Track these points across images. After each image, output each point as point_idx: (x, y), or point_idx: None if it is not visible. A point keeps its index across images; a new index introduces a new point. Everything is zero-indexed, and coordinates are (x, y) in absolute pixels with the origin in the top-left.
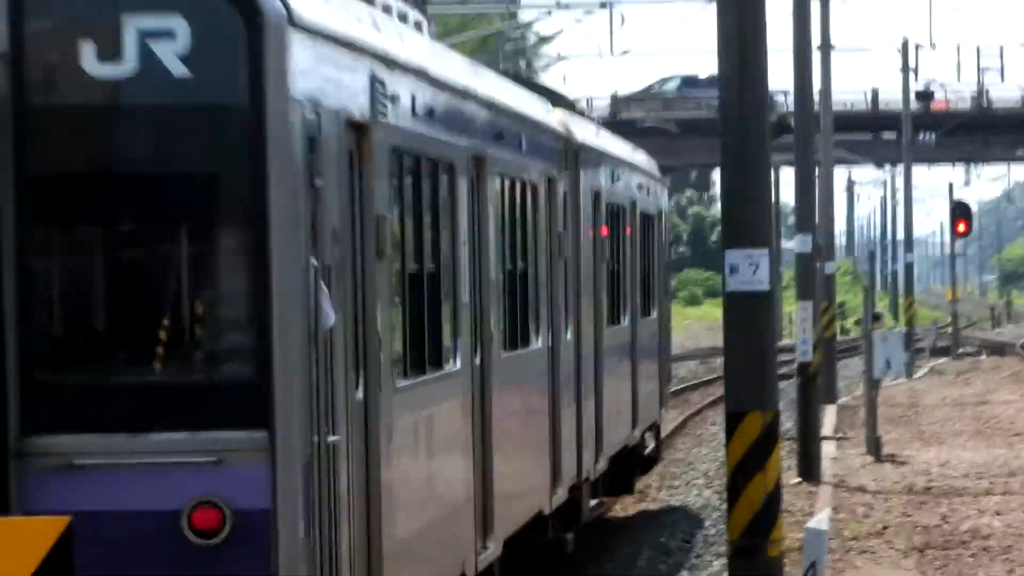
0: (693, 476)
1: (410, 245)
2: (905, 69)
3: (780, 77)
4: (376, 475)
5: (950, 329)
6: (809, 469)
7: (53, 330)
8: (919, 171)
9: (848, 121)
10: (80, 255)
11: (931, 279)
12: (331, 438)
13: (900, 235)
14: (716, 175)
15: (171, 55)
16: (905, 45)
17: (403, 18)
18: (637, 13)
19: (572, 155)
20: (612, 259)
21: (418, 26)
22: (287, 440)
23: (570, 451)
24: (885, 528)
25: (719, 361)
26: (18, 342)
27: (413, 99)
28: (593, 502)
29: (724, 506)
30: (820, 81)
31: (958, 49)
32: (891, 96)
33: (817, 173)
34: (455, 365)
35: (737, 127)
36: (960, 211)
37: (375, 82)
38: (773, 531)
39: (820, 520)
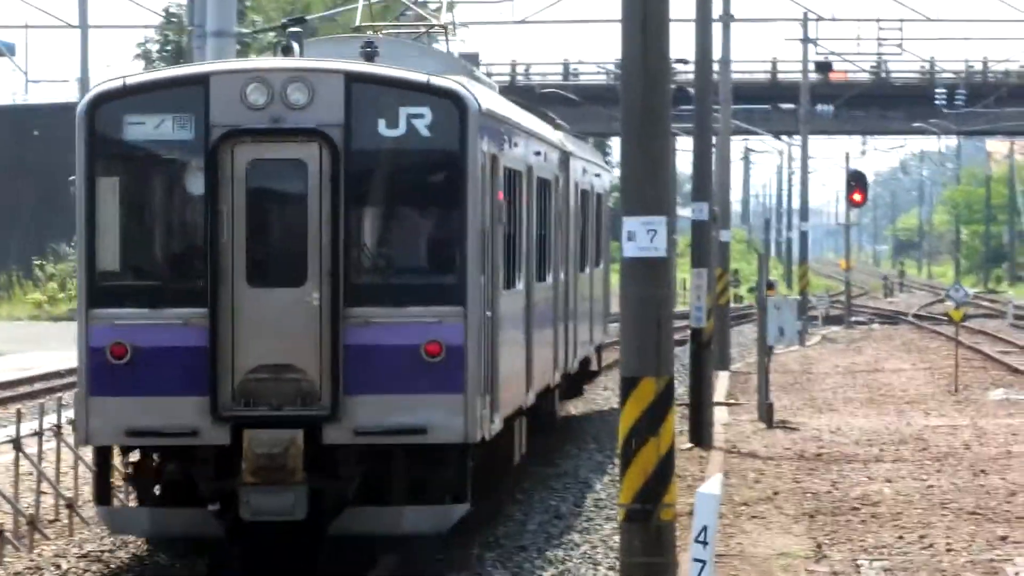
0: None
1: (507, 218)
2: (804, 40)
3: (681, 47)
4: (498, 337)
5: (843, 298)
6: (701, 434)
7: (367, 256)
8: (816, 141)
9: (747, 91)
10: (383, 222)
11: (824, 248)
12: (487, 314)
13: (796, 204)
14: (614, 143)
15: (423, 126)
16: (805, 16)
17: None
18: None
19: (565, 160)
20: (583, 229)
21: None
22: (471, 312)
23: (562, 350)
24: (776, 494)
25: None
26: (342, 265)
27: (511, 140)
28: None
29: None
30: (720, 51)
31: (858, 22)
32: (790, 67)
33: (715, 142)
34: (519, 287)
35: (638, 96)
36: (856, 181)
37: (501, 134)
38: (666, 495)
39: (711, 485)
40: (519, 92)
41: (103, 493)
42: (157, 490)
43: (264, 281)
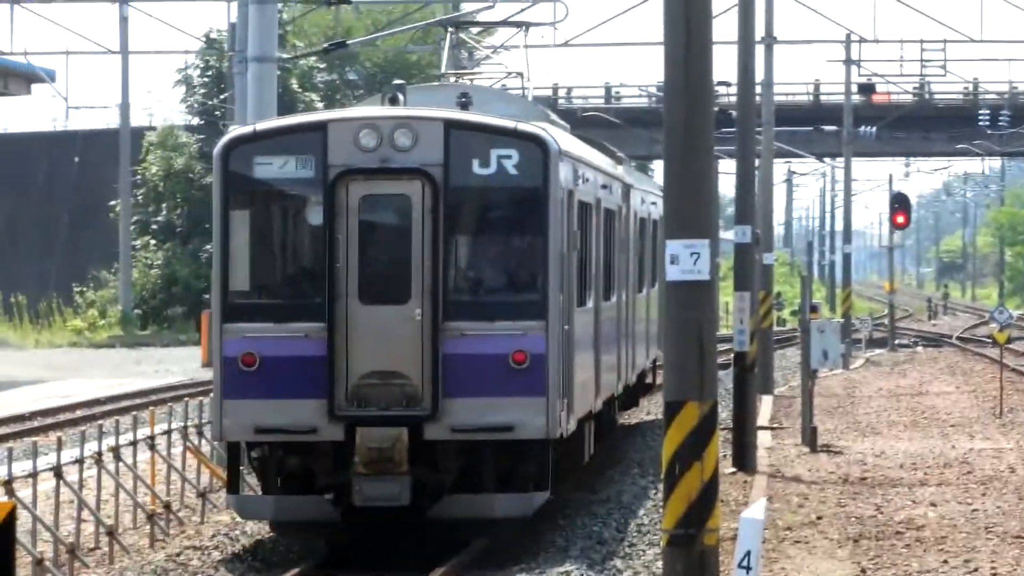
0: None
1: (580, 244)
2: (847, 62)
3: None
4: (572, 348)
5: (887, 321)
6: (744, 459)
7: (463, 277)
8: (859, 163)
9: (790, 113)
10: (476, 248)
11: (868, 270)
12: (565, 327)
13: (839, 226)
14: (657, 165)
15: (511, 165)
16: (848, 38)
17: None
18: (580, 3)
19: (626, 191)
20: (641, 254)
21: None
22: (552, 326)
23: (623, 363)
24: (819, 518)
25: None
26: (442, 285)
27: (583, 176)
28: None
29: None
30: (763, 73)
31: (901, 43)
32: (833, 89)
33: (757, 165)
34: (589, 305)
35: (680, 119)
36: (899, 203)
37: (576, 172)
38: (709, 520)
39: (755, 510)
40: (561, 115)
41: (234, 483)
42: (279, 481)
43: (374, 299)
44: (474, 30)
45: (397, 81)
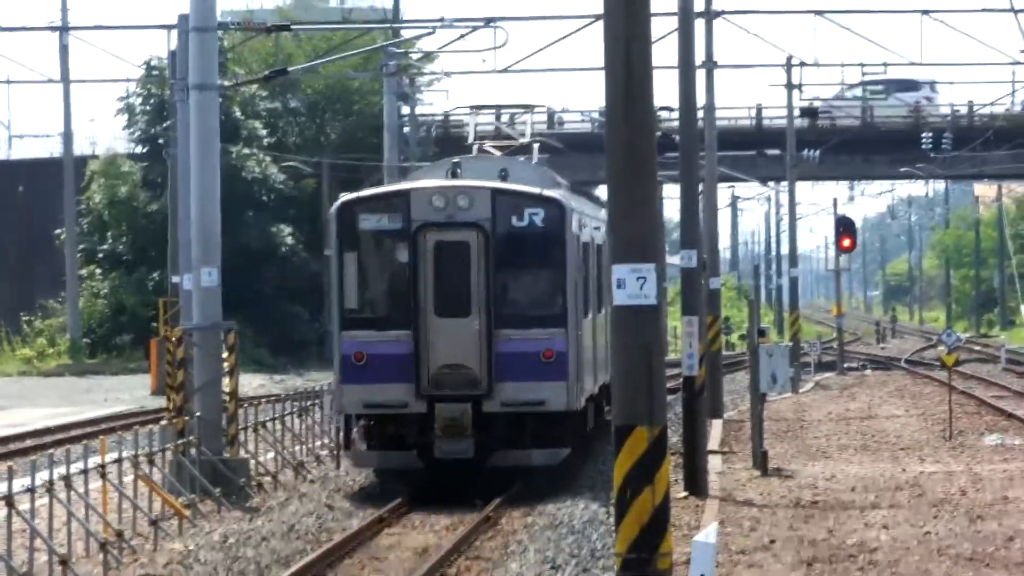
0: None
1: (583, 272)
2: (789, 86)
3: (665, 94)
4: (582, 347)
5: (835, 344)
6: (695, 483)
7: (507, 297)
8: (803, 187)
9: (733, 137)
10: (516, 277)
11: (815, 294)
12: (578, 333)
13: (785, 250)
14: (601, 191)
15: (539, 219)
16: (789, 61)
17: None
18: (521, 30)
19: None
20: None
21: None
22: (570, 332)
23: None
24: (772, 542)
25: None
26: (493, 303)
27: (583, 223)
28: None
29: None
30: (704, 97)
31: (842, 67)
32: (775, 113)
33: (701, 189)
34: (589, 317)
35: (623, 143)
36: (844, 227)
37: (580, 221)
38: (662, 544)
39: (708, 534)
40: (504, 139)
41: (347, 442)
42: (380, 441)
43: (445, 313)
44: (414, 56)
45: (455, 159)
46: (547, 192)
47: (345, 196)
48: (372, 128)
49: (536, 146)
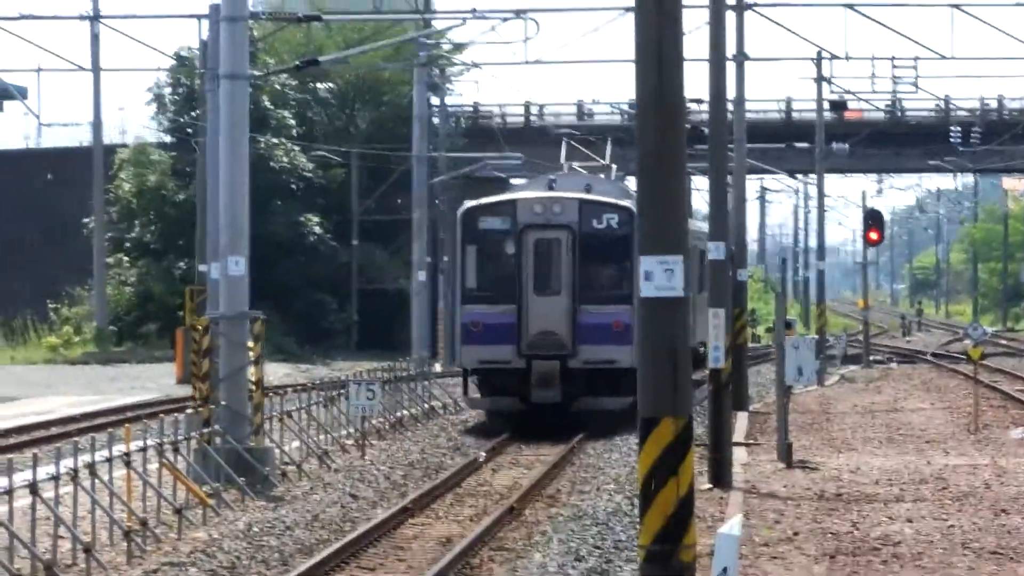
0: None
1: None
2: (819, 79)
3: (695, 86)
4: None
5: (861, 337)
6: (720, 475)
7: (588, 281)
8: (832, 180)
9: (762, 130)
10: (596, 266)
11: (842, 287)
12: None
13: (812, 243)
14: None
15: (614, 222)
16: (819, 55)
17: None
18: (551, 21)
19: (695, 237)
20: (701, 279)
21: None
22: (634, 308)
23: None
24: (796, 534)
25: None
26: (577, 285)
27: None
28: None
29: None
30: (734, 90)
31: (872, 60)
32: (804, 106)
33: (730, 182)
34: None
35: (653, 136)
36: (872, 220)
37: None
38: (686, 536)
39: (732, 525)
40: (534, 132)
41: (465, 389)
42: (490, 389)
43: (542, 292)
44: (445, 47)
45: (552, 176)
46: (620, 201)
47: (468, 203)
48: (401, 119)
49: (614, 167)
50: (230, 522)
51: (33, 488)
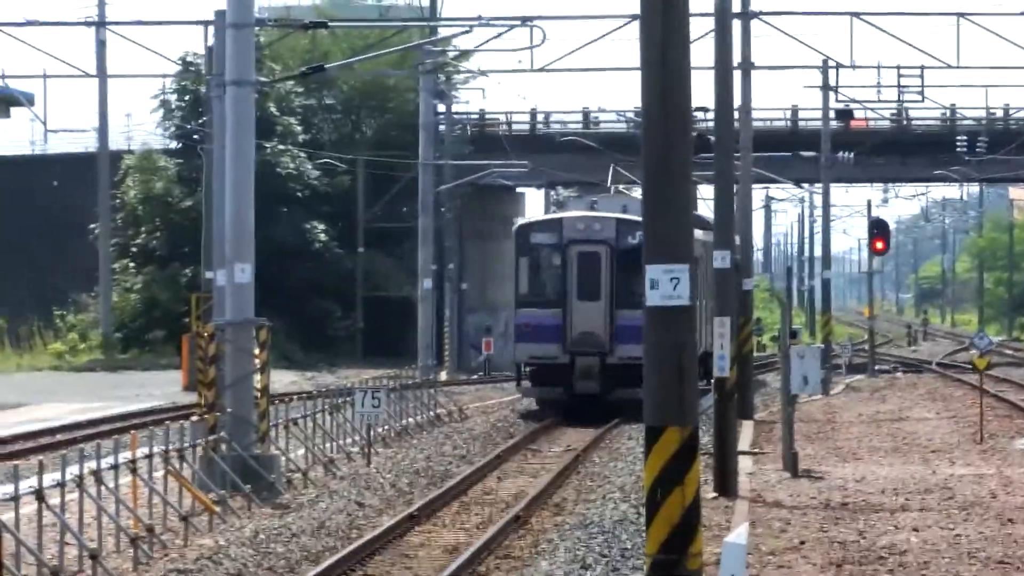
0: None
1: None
2: (825, 88)
3: (701, 95)
4: None
5: (866, 346)
6: (726, 484)
7: (624, 288)
8: (837, 189)
9: (768, 139)
10: (630, 275)
11: (847, 296)
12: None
13: (818, 252)
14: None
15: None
16: (825, 63)
17: None
18: (557, 29)
19: (705, 245)
20: (707, 285)
21: None
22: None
23: (701, 343)
24: (802, 543)
25: None
26: (614, 292)
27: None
28: None
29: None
30: (740, 99)
31: (878, 69)
32: (810, 115)
33: (736, 190)
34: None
35: (659, 144)
36: (878, 229)
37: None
38: (692, 545)
39: (738, 535)
40: (540, 140)
41: (519, 381)
42: (540, 380)
43: (584, 298)
44: (450, 55)
45: (594, 198)
46: None
47: (521, 220)
48: (407, 126)
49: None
50: (236, 529)
51: (39, 495)
